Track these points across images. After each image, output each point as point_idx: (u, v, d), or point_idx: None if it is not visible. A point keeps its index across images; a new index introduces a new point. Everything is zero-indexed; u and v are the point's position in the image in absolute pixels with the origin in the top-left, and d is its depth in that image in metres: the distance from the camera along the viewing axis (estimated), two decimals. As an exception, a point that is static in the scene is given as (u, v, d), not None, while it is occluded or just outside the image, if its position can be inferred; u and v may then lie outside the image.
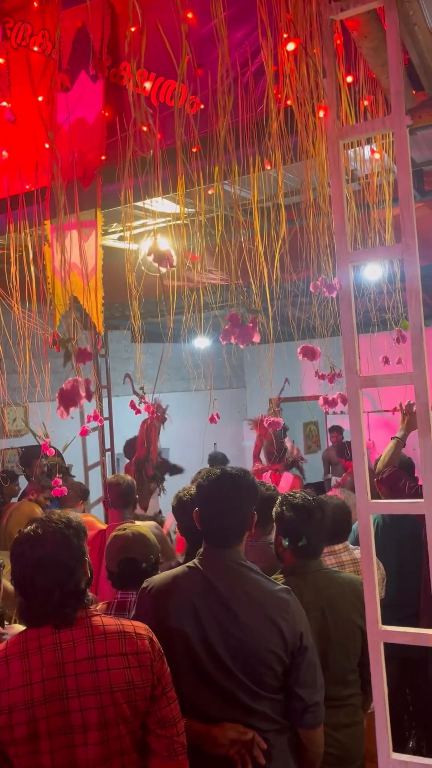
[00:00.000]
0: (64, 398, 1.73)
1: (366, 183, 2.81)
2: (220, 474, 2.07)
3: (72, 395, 1.73)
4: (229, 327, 2.12)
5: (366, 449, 1.77)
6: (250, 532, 2.11)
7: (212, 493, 2.05)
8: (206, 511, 2.06)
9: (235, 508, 2.03)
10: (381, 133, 1.92)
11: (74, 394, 1.74)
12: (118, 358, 8.18)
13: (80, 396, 1.75)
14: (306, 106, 2.05)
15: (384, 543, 3.30)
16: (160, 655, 1.77)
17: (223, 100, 2.02)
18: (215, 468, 2.12)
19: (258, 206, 2.55)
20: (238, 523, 2.04)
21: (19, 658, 1.67)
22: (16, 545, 1.79)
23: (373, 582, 1.79)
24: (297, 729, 2.00)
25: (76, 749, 1.64)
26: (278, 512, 2.42)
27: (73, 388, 1.74)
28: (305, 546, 2.35)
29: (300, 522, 2.33)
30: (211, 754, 1.87)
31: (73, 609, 1.73)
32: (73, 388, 1.73)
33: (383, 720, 1.76)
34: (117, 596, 2.49)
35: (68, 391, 1.73)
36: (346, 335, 1.79)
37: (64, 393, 1.74)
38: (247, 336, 2.08)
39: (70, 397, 1.73)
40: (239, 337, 2.09)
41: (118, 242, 3.97)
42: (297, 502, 2.38)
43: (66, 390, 1.73)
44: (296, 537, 2.35)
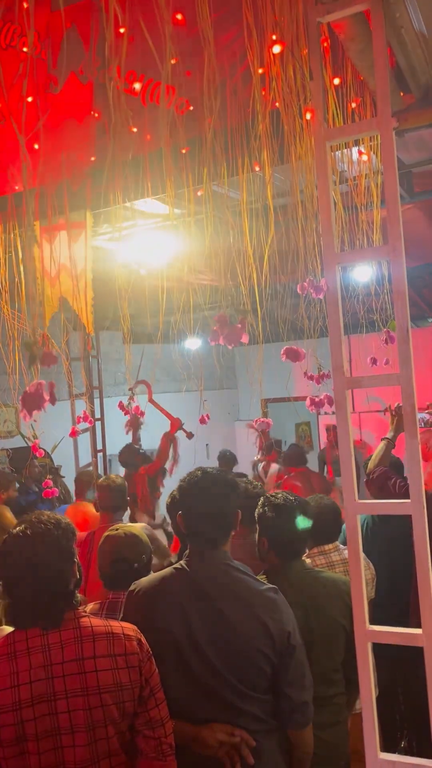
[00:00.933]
0: (27, 401, 1.72)
1: (354, 185, 2.82)
2: (201, 475, 2.06)
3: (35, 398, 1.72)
4: (217, 328, 2.11)
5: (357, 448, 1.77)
6: (235, 530, 2.11)
7: (194, 495, 2.04)
8: (189, 513, 2.05)
9: (217, 509, 2.02)
10: (367, 135, 1.93)
11: (38, 397, 1.72)
12: (109, 359, 8.17)
13: (44, 399, 1.73)
14: (293, 108, 2.05)
15: (374, 542, 3.31)
16: (149, 656, 1.77)
17: (209, 102, 2.02)
18: (196, 470, 2.12)
19: (247, 207, 2.56)
20: (222, 523, 2.03)
21: (7, 660, 1.66)
22: (4, 545, 1.78)
23: (361, 582, 1.79)
24: (286, 729, 2.01)
25: (63, 751, 1.64)
26: (260, 513, 2.42)
27: (37, 391, 1.72)
28: (287, 546, 2.35)
29: (281, 522, 2.34)
30: (199, 754, 1.87)
31: (61, 610, 1.73)
32: (36, 391, 1.72)
33: (371, 720, 1.77)
34: (109, 596, 2.49)
35: (31, 395, 1.72)
36: (334, 336, 1.79)
37: (27, 396, 1.72)
38: (235, 337, 2.08)
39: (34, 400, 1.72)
40: (227, 338, 2.09)
41: (108, 243, 3.96)
42: (278, 501, 2.38)
43: (29, 393, 1.72)
44: (277, 537, 2.35)
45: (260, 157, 2.24)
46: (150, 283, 2.77)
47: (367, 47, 1.88)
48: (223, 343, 2.13)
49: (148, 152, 2.62)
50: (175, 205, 2.79)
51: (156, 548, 2.92)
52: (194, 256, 2.94)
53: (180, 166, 2.53)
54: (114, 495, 3.63)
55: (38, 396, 1.74)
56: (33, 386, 1.75)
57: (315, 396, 3.06)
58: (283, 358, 2.79)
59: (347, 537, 1.84)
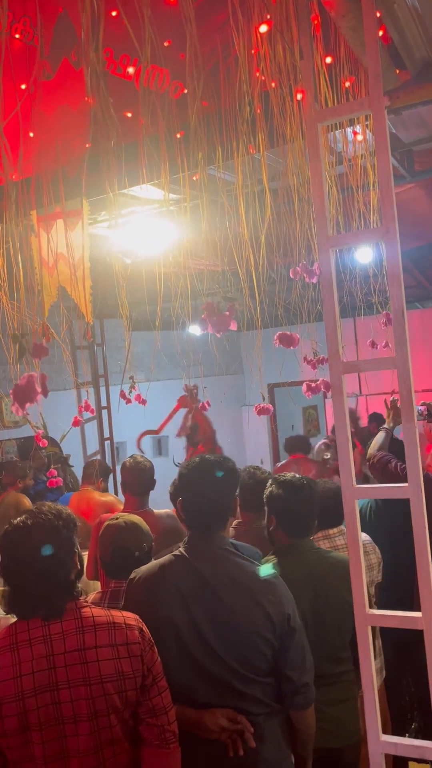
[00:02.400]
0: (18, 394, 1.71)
1: (350, 165, 2.78)
2: (199, 461, 2.10)
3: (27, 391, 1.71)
4: (205, 316, 2.10)
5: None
6: (234, 516, 2.12)
7: (192, 481, 2.07)
8: (188, 499, 2.07)
9: (215, 494, 2.04)
10: (359, 114, 1.89)
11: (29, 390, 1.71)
12: (115, 347, 8.17)
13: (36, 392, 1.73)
14: (282, 88, 2.02)
15: (377, 526, 3.32)
16: (151, 645, 1.78)
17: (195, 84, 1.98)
18: (195, 456, 2.14)
19: (243, 191, 2.53)
20: (220, 508, 2.05)
21: (9, 651, 1.68)
22: (5, 535, 1.79)
23: (360, 566, 1.79)
24: (288, 711, 2.02)
25: (67, 740, 1.66)
26: (268, 493, 2.45)
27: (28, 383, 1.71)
28: (295, 523, 2.37)
29: (288, 498, 2.36)
30: (202, 738, 1.88)
31: (61, 600, 1.74)
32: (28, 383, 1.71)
33: (372, 702, 1.77)
34: (111, 585, 2.51)
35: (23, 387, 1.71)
36: (329, 320, 1.78)
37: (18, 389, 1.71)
38: (223, 324, 2.06)
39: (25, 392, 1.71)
40: (215, 326, 2.08)
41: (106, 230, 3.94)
42: (285, 479, 2.42)
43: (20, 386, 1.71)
44: (286, 514, 2.38)
45: (254, 140, 2.20)
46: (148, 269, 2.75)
47: (359, 24, 1.83)
48: (211, 331, 2.12)
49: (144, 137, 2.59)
50: (170, 190, 2.76)
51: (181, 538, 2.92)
52: (191, 241, 2.91)
53: (175, 151, 2.50)
54: (141, 478, 3.53)
55: (30, 388, 1.73)
56: (24, 378, 1.74)
57: (311, 381, 3.04)
58: (276, 344, 2.77)
59: (346, 522, 1.84)
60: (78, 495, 4.64)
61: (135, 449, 7.32)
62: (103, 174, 2.58)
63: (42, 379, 1.77)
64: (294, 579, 2.19)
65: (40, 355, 1.91)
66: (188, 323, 3.83)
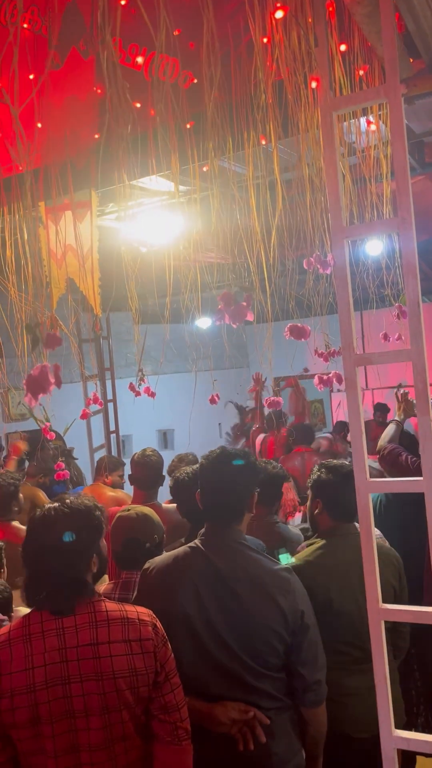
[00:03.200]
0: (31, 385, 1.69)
1: (363, 156, 2.75)
2: (219, 453, 2.10)
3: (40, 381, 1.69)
4: (222, 306, 2.08)
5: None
6: (251, 512, 2.11)
7: (211, 473, 2.07)
8: (206, 490, 2.08)
9: (233, 487, 2.04)
10: (375, 103, 1.86)
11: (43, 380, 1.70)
12: (121, 340, 8.16)
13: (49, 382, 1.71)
14: (297, 76, 1.99)
15: (388, 520, 3.30)
16: (164, 642, 1.76)
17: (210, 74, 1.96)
18: (217, 448, 2.15)
19: (254, 182, 2.50)
20: (237, 501, 2.04)
21: (22, 642, 1.67)
22: (31, 520, 1.80)
23: (374, 560, 1.78)
24: (299, 707, 2.01)
25: (78, 734, 1.65)
26: (315, 477, 2.47)
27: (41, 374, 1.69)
28: (341, 507, 2.39)
29: (336, 483, 2.38)
30: (212, 732, 1.88)
31: (69, 598, 1.72)
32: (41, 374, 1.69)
33: (385, 697, 1.76)
34: (122, 576, 2.50)
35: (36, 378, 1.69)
36: (343, 312, 1.75)
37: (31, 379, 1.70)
38: (240, 315, 2.04)
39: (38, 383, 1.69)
40: (232, 316, 2.05)
41: (114, 222, 3.92)
42: (334, 465, 2.45)
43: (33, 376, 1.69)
44: (334, 499, 2.40)
45: (266, 129, 2.18)
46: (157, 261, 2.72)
47: (374, 11, 1.81)
48: (228, 321, 2.09)
49: (153, 128, 2.57)
50: (180, 181, 2.73)
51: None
52: (201, 233, 2.89)
53: (185, 142, 2.48)
54: (149, 472, 3.55)
55: (43, 379, 1.71)
56: (37, 369, 1.73)
57: (323, 374, 3.02)
58: (287, 336, 2.74)
59: (359, 516, 1.83)
60: (90, 489, 4.66)
61: (140, 443, 7.31)
62: (113, 165, 2.56)
63: (55, 369, 1.75)
64: (343, 559, 2.26)
65: (53, 345, 1.89)
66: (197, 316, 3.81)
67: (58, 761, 1.63)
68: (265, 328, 3.09)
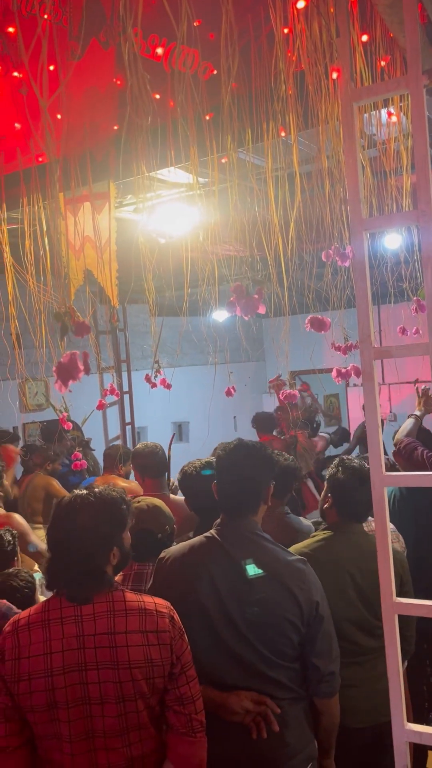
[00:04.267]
0: (61, 372, 1.71)
1: (383, 149, 2.72)
2: (236, 445, 2.13)
3: (70, 369, 1.71)
4: (234, 299, 2.07)
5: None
6: (266, 504, 2.12)
7: (228, 464, 2.10)
8: (222, 481, 2.10)
9: (248, 479, 2.06)
10: (396, 94, 1.85)
11: (72, 368, 1.71)
12: (137, 332, 8.18)
13: (78, 369, 1.72)
14: (318, 67, 1.97)
15: (401, 514, 3.30)
16: (181, 634, 1.77)
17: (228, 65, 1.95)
18: (234, 440, 2.17)
19: (273, 174, 2.49)
20: (252, 493, 2.06)
21: (41, 627, 1.70)
22: (58, 506, 1.82)
23: (388, 554, 1.77)
24: (313, 698, 2.02)
25: (93, 720, 1.67)
26: (332, 473, 2.48)
27: (71, 361, 1.71)
28: (349, 508, 2.41)
29: (351, 486, 2.39)
30: (226, 721, 1.89)
31: (86, 587, 1.73)
32: (71, 361, 1.71)
33: (397, 691, 1.76)
34: (134, 568, 2.52)
35: (66, 365, 1.71)
36: (361, 305, 1.75)
37: (61, 367, 1.71)
38: (252, 307, 2.03)
39: (68, 370, 1.70)
40: (244, 309, 2.05)
41: (132, 215, 3.93)
42: (354, 465, 2.45)
43: (63, 363, 1.71)
44: (344, 499, 2.41)
45: (285, 121, 2.17)
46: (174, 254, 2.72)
47: (397, 1, 1.79)
48: (239, 314, 2.09)
49: (172, 119, 2.57)
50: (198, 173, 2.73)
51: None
52: (219, 225, 2.89)
53: (203, 133, 2.47)
54: (156, 459, 3.66)
55: (73, 366, 1.73)
56: (67, 357, 1.74)
57: (342, 367, 3.01)
58: (307, 328, 2.74)
59: (374, 509, 1.82)
60: (102, 480, 4.68)
61: (155, 434, 7.34)
62: (132, 156, 2.56)
63: (84, 357, 1.77)
64: (342, 555, 2.29)
65: (82, 333, 1.91)
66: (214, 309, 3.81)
67: (73, 746, 1.65)
68: (282, 321, 3.09)
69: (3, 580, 2.40)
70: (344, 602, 2.28)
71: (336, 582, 2.29)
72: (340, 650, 2.20)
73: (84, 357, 1.75)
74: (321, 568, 2.27)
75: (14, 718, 1.68)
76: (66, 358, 1.72)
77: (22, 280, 3.10)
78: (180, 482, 2.79)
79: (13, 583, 2.39)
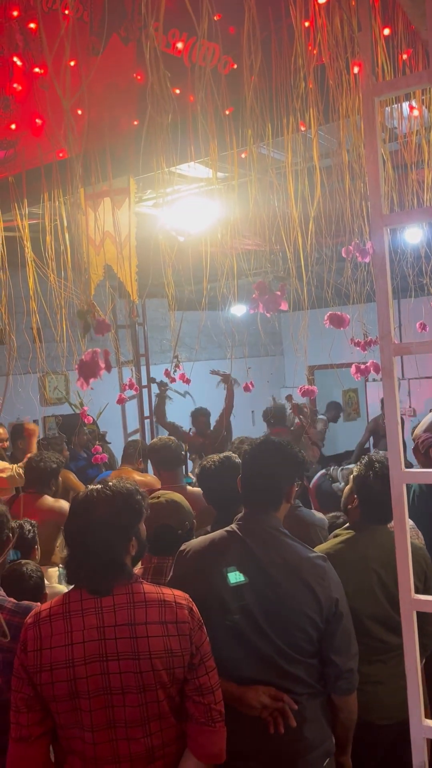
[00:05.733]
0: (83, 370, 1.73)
1: (404, 142, 2.70)
2: (263, 440, 2.17)
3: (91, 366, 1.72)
4: (256, 295, 2.08)
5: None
6: (289, 502, 2.13)
7: (253, 458, 2.12)
8: (246, 475, 2.13)
9: (273, 474, 2.08)
10: (418, 88, 1.83)
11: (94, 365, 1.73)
12: (155, 327, 8.20)
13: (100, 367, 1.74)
14: (339, 61, 1.96)
15: (420, 511, 3.28)
16: (200, 625, 1.79)
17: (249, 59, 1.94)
18: (263, 436, 2.24)
19: (292, 169, 2.48)
20: (275, 489, 2.07)
21: (62, 619, 1.73)
22: (75, 500, 1.86)
23: (407, 551, 1.77)
24: (331, 695, 2.03)
25: (114, 710, 1.69)
26: (362, 474, 2.45)
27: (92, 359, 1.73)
28: (374, 510, 2.40)
29: (379, 491, 2.35)
30: (244, 714, 1.91)
31: (105, 579, 1.76)
32: (92, 359, 1.73)
33: (415, 687, 1.76)
34: (153, 561, 2.54)
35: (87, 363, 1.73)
36: (381, 301, 1.74)
37: (83, 364, 1.73)
38: (274, 304, 2.04)
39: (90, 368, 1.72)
40: (266, 305, 2.05)
41: (152, 209, 3.94)
42: (386, 473, 2.38)
43: (85, 361, 1.73)
44: (371, 502, 2.40)
45: (305, 115, 2.16)
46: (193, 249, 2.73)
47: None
48: (262, 310, 2.09)
49: (192, 114, 2.56)
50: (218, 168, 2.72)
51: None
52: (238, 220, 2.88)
53: (223, 128, 2.47)
54: (173, 452, 3.75)
55: (94, 364, 1.75)
56: (88, 354, 1.77)
57: (361, 363, 2.99)
58: (326, 324, 2.73)
59: (393, 506, 1.82)
60: (117, 473, 4.72)
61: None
62: (152, 151, 2.57)
63: (105, 354, 1.79)
64: (366, 553, 2.30)
65: (103, 331, 1.92)
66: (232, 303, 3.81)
67: (95, 735, 1.68)
68: (301, 316, 3.08)
69: (15, 567, 2.46)
70: (371, 600, 2.29)
71: (362, 580, 2.30)
72: (366, 648, 2.21)
73: (105, 355, 1.77)
74: (347, 567, 2.27)
75: (36, 708, 1.72)
76: (88, 356, 1.74)
77: (43, 275, 3.13)
78: (198, 476, 2.81)
79: (24, 570, 2.45)
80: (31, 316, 3.12)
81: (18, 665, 1.73)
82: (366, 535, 2.40)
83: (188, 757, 1.77)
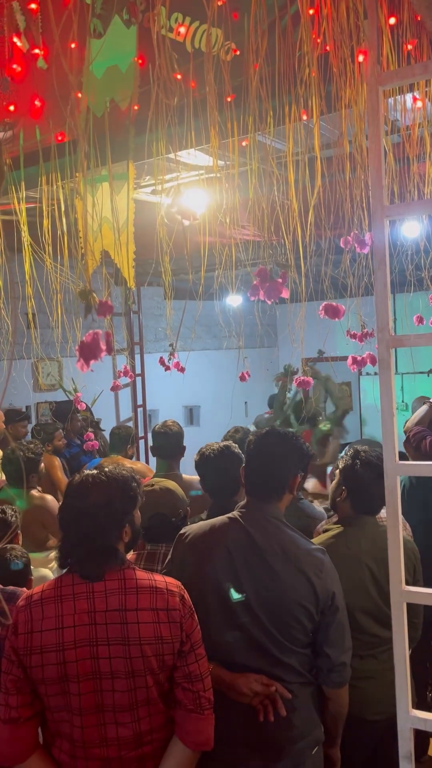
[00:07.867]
0: (84, 351, 1.71)
1: (407, 135, 2.68)
2: (269, 430, 2.18)
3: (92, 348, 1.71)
4: (257, 282, 2.06)
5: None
6: (291, 494, 2.13)
7: (257, 448, 2.13)
8: (250, 465, 2.13)
9: (275, 464, 2.09)
10: (423, 78, 1.82)
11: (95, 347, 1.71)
12: (150, 315, 8.18)
13: (101, 349, 1.72)
14: (344, 50, 1.94)
15: (410, 504, 3.30)
16: (191, 613, 1.80)
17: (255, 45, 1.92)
18: (268, 428, 2.22)
19: (293, 159, 2.47)
20: (278, 479, 2.08)
21: (53, 602, 1.73)
22: (68, 487, 1.85)
23: (399, 543, 1.78)
24: (322, 687, 2.04)
25: (103, 694, 1.70)
26: (348, 465, 2.45)
27: (94, 341, 1.71)
28: (365, 501, 2.40)
29: (369, 480, 2.37)
30: (234, 701, 1.92)
31: (98, 564, 1.76)
32: (93, 341, 1.71)
33: (403, 677, 1.77)
34: (147, 548, 2.54)
35: (88, 344, 1.71)
36: (379, 292, 1.74)
37: (84, 346, 1.71)
38: (275, 292, 2.03)
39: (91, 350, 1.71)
40: (267, 293, 2.04)
41: (150, 196, 3.91)
42: (371, 460, 2.40)
43: (86, 343, 1.71)
44: (360, 493, 2.40)
45: (308, 104, 2.14)
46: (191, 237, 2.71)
47: (427, -17, 1.75)
48: (263, 298, 2.08)
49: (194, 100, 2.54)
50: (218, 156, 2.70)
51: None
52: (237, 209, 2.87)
53: (224, 115, 2.45)
54: (170, 440, 3.67)
55: (95, 345, 1.73)
56: (90, 336, 1.74)
57: (357, 355, 3.00)
58: (321, 315, 2.72)
59: (386, 498, 1.82)
60: (108, 461, 4.71)
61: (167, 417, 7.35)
62: (151, 137, 2.55)
63: (107, 337, 1.77)
64: (358, 548, 2.29)
65: (105, 313, 1.90)
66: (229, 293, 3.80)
67: (83, 718, 1.69)
68: (297, 308, 3.08)
69: (0, 553, 2.46)
70: (363, 595, 2.30)
71: (355, 575, 2.31)
72: (359, 642, 2.22)
73: (107, 337, 1.75)
74: (340, 561, 2.28)
75: (26, 690, 1.72)
76: (89, 338, 1.72)
77: (39, 260, 3.10)
78: (197, 464, 2.82)
79: (8, 556, 2.45)
80: (26, 302, 3.10)
81: (8, 647, 1.74)
82: (356, 529, 2.40)
83: (176, 744, 1.77)
